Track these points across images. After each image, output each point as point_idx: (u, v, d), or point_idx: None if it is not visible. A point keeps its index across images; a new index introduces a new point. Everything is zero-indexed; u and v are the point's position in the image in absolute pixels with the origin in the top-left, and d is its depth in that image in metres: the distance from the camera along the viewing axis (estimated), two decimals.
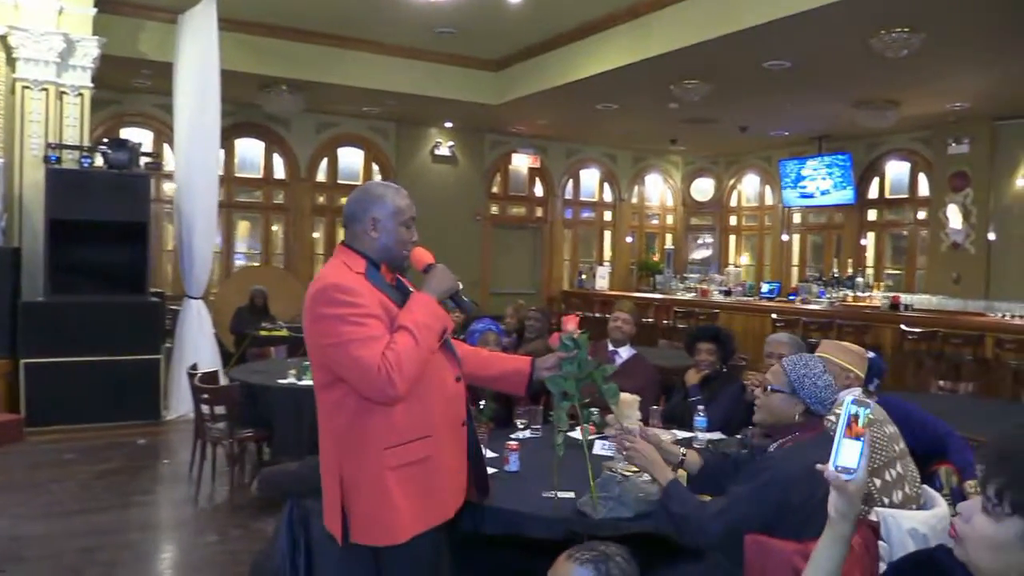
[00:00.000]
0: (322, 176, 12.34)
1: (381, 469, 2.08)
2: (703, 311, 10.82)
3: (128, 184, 7.38)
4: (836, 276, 11.36)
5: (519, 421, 3.80)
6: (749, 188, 14.84)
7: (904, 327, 8.29)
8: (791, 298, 11.14)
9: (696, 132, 12.27)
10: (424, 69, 10.26)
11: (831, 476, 1.46)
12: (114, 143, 7.56)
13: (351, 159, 12.55)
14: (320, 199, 12.32)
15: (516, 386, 2.56)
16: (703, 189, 15.41)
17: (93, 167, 7.37)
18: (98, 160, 7.44)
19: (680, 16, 7.93)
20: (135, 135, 10.26)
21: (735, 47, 7.67)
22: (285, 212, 12.17)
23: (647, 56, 8.33)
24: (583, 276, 14.07)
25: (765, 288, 11.93)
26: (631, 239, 15.04)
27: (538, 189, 14.19)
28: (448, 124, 12.65)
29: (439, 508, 2.19)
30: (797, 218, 13.75)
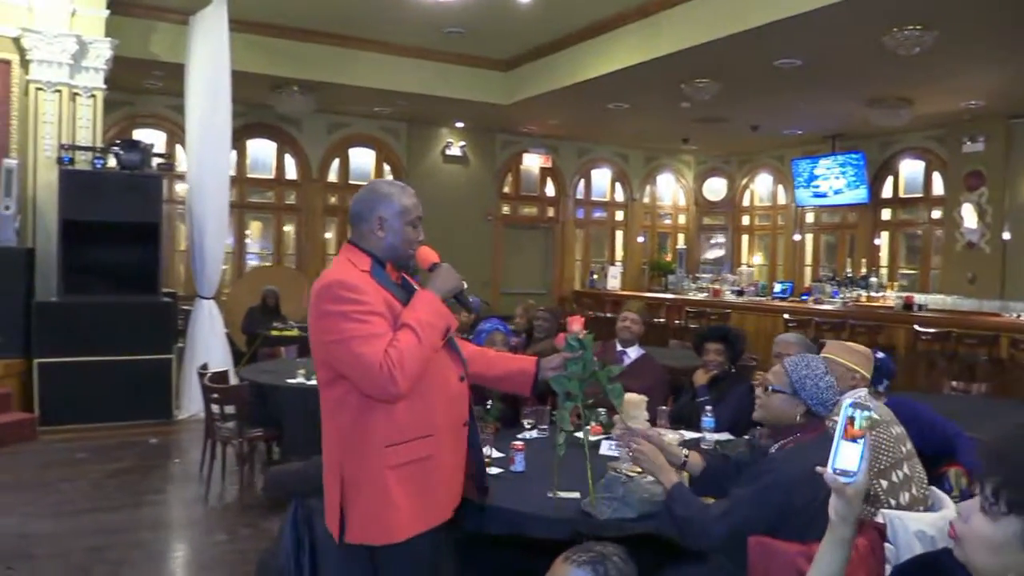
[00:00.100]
0: (334, 176, 12.39)
1: (382, 467, 2.07)
2: (715, 311, 10.76)
3: (140, 185, 7.43)
4: (849, 276, 11.27)
5: (526, 421, 3.80)
6: (762, 187, 14.77)
7: (918, 327, 8.22)
8: (804, 298, 11.06)
9: (708, 131, 12.22)
10: (434, 69, 10.28)
11: (829, 479, 1.46)
12: (126, 144, 7.61)
13: (362, 159, 12.58)
14: (332, 199, 12.36)
15: (521, 386, 2.55)
16: (715, 188, 15.34)
17: (106, 168, 7.42)
18: (111, 161, 7.48)
19: (690, 15, 7.90)
20: (148, 136, 10.35)
21: (746, 46, 7.63)
22: (297, 212, 12.22)
23: (657, 55, 8.31)
24: (595, 276, 14.03)
25: (778, 288, 11.85)
26: (643, 239, 15.00)
27: (549, 189, 14.17)
28: (459, 124, 12.66)
29: (438, 508, 2.18)
30: (810, 218, 13.67)
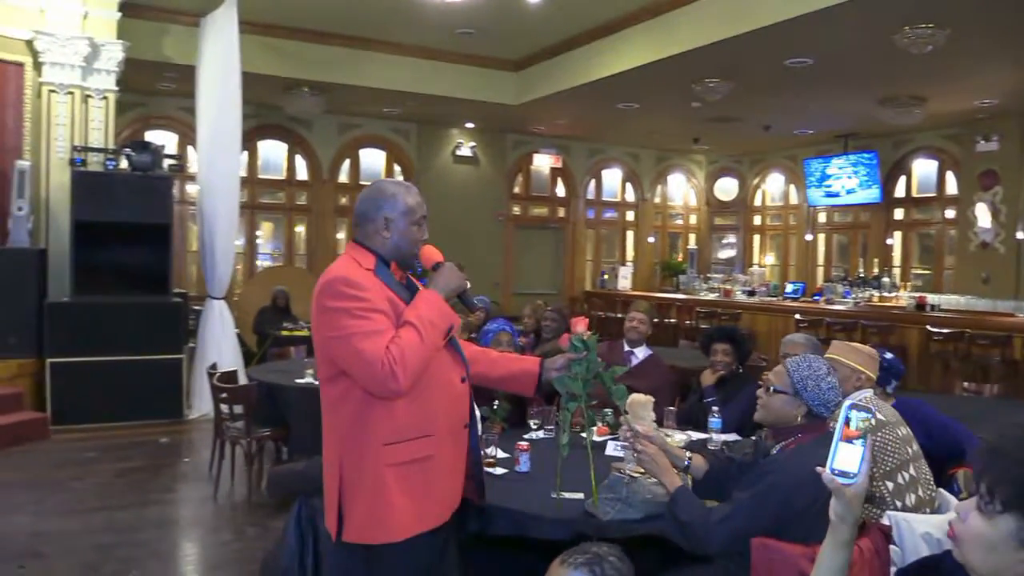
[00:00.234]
0: (344, 177, 12.42)
1: (381, 465, 2.07)
2: (726, 312, 10.72)
3: (151, 186, 7.48)
4: (862, 276, 11.20)
5: (532, 421, 3.79)
6: (774, 187, 14.69)
7: (930, 328, 8.15)
8: (816, 298, 10.99)
9: (719, 131, 12.17)
10: (444, 70, 10.29)
11: (827, 479, 1.47)
12: (137, 146, 7.67)
13: (373, 160, 12.61)
14: (342, 200, 12.38)
15: (525, 387, 2.54)
16: (727, 188, 15.28)
17: (117, 169, 7.47)
18: (123, 162, 7.54)
19: (701, 14, 7.87)
20: (160, 137, 10.43)
21: (757, 45, 7.60)
22: (308, 213, 12.26)
23: (668, 55, 8.29)
24: (605, 276, 14.00)
25: (789, 288, 11.77)
26: (654, 239, 14.96)
27: (560, 189, 14.16)
28: (469, 125, 12.66)
29: (437, 510, 2.16)
30: (822, 217, 13.59)
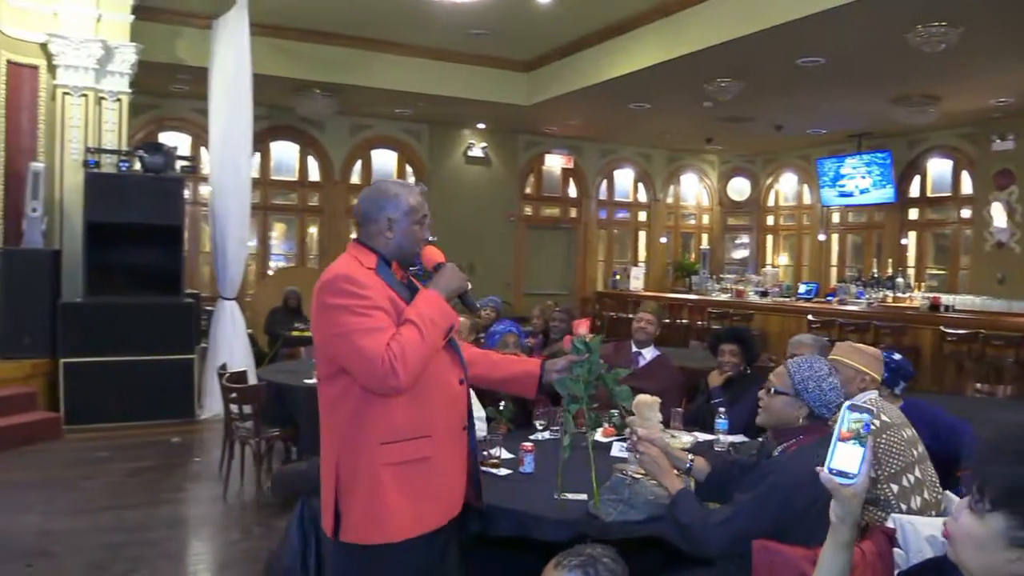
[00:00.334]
0: (356, 178, 12.45)
1: (377, 465, 2.06)
2: (737, 312, 10.66)
3: (163, 187, 7.53)
4: (876, 276, 11.12)
5: (538, 422, 3.78)
6: (787, 187, 14.61)
7: (944, 328, 8.08)
8: (829, 299, 10.92)
9: (731, 131, 12.11)
10: (455, 71, 10.30)
11: (824, 478, 1.47)
12: (150, 147, 7.72)
13: (385, 161, 12.63)
14: (354, 201, 12.24)
15: (526, 389, 2.54)
16: (740, 188, 15.20)
17: (130, 171, 7.53)
18: (136, 164, 7.59)
19: (711, 13, 7.84)
20: (174, 139, 10.50)
21: (768, 44, 7.56)
22: (320, 214, 12.30)
23: (679, 54, 8.26)
24: (617, 277, 13.96)
25: (802, 289, 11.70)
26: (666, 239, 14.91)
27: (572, 190, 14.14)
28: (481, 125, 12.67)
29: (436, 512, 2.15)
30: (836, 217, 13.51)
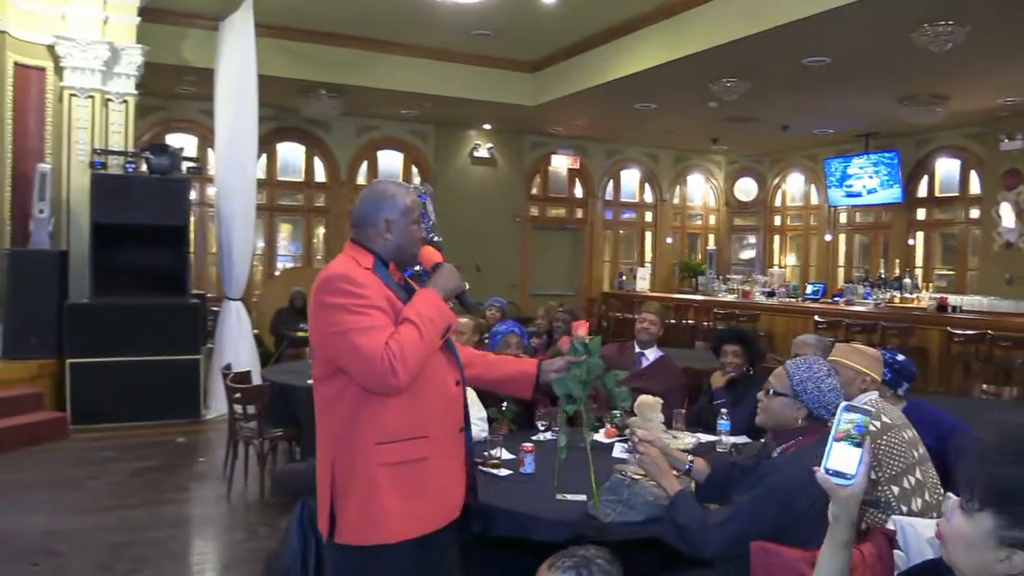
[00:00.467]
0: (362, 179, 12.44)
1: (373, 465, 2.06)
2: (744, 313, 10.64)
3: (168, 188, 7.56)
4: (883, 277, 11.08)
5: (540, 423, 3.78)
6: (794, 187, 14.56)
7: (951, 329, 8.04)
8: (836, 299, 10.89)
9: (738, 131, 12.08)
10: (461, 71, 10.31)
11: (820, 478, 1.48)
12: (156, 149, 7.76)
13: (391, 162, 12.65)
14: None
15: (522, 389, 2.54)
16: (747, 189, 15.16)
17: (136, 172, 7.57)
18: (142, 165, 7.63)
19: (716, 13, 7.81)
20: (181, 140, 10.53)
21: (773, 44, 7.54)
22: (326, 215, 12.32)
23: (684, 54, 8.24)
24: (623, 278, 13.94)
25: (809, 289, 11.66)
26: (672, 240, 14.88)
27: (578, 190, 14.13)
28: (487, 126, 12.68)
29: (432, 515, 2.14)
30: (843, 218, 13.45)
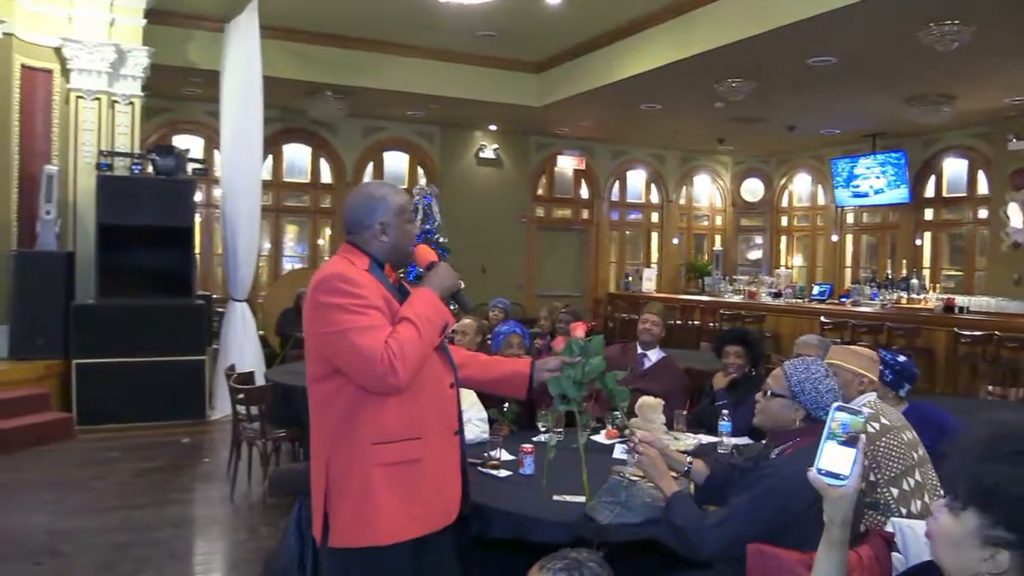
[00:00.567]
0: (368, 180, 12.49)
1: (370, 465, 2.05)
2: (750, 314, 10.62)
3: (174, 190, 7.60)
4: (890, 278, 11.03)
5: (540, 424, 3.77)
6: (801, 188, 14.51)
7: (958, 330, 8.00)
8: (843, 300, 10.86)
9: (744, 131, 12.05)
10: (466, 72, 10.30)
11: (813, 478, 1.48)
12: (162, 150, 7.79)
13: (397, 163, 12.66)
14: None
15: (516, 389, 2.53)
16: (753, 189, 15.11)
17: (142, 173, 7.60)
18: (148, 167, 7.66)
19: (721, 13, 7.79)
20: (187, 142, 10.56)
21: (778, 44, 7.51)
22: (332, 216, 12.33)
23: (689, 55, 8.21)
24: (629, 278, 13.92)
25: (816, 290, 11.64)
26: (678, 241, 14.85)
27: (584, 191, 14.11)
28: (492, 127, 12.68)
29: (427, 515, 2.13)
30: (850, 218, 13.39)
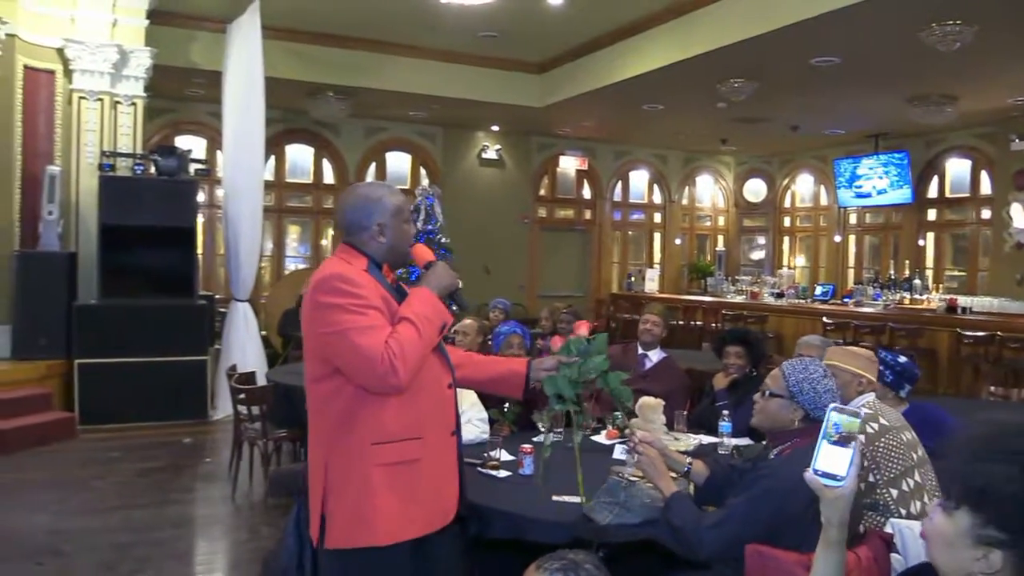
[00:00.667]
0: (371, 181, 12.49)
1: (369, 465, 2.05)
2: (752, 314, 10.60)
3: (176, 190, 7.62)
4: (893, 278, 11.02)
5: (540, 424, 3.76)
6: (803, 188, 14.49)
7: (961, 331, 7.98)
8: (845, 301, 10.84)
9: (747, 132, 12.04)
10: (468, 73, 10.31)
11: (809, 478, 1.49)
12: (164, 151, 7.80)
13: (399, 163, 12.67)
14: None
15: (512, 388, 2.53)
16: (756, 190, 15.10)
17: (145, 174, 7.61)
18: (151, 167, 7.67)
19: (724, 13, 7.79)
20: (190, 142, 10.58)
21: (781, 44, 7.50)
22: (334, 216, 12.34)
23: (691, 55, 8.21)
24: (632, 279, 13.91)
25: (818, 291, 11.63)
26: (681, 241, 14.84)
27: (586, 191, 14.11)
28: (494, 127, 12.68)
29: (423, 517, 2.12)
30: (853, 219, 13.38)
